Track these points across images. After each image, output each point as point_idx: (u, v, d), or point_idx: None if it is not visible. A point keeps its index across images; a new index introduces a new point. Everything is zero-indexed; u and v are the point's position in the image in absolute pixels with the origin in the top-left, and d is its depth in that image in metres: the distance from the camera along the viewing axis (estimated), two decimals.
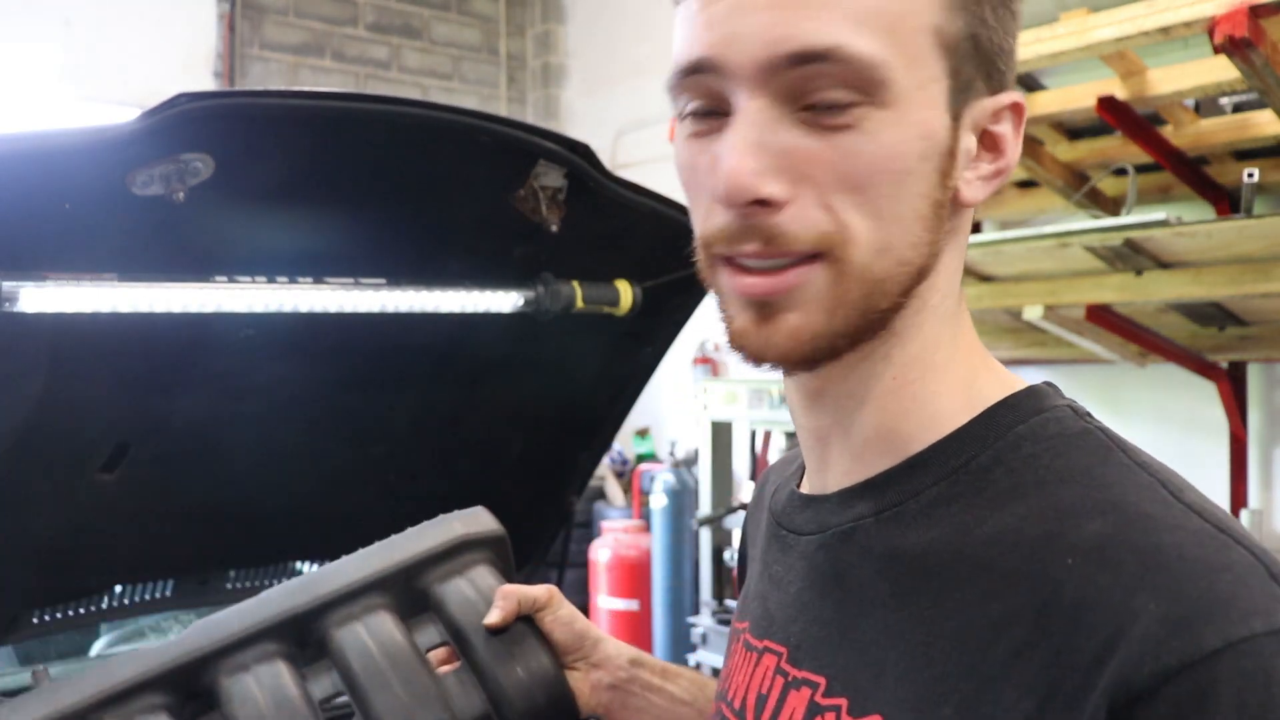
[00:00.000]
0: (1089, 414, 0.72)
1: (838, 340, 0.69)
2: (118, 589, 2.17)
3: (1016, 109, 0.72)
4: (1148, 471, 0.67)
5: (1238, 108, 3.44)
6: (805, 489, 0.84)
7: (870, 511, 0.73)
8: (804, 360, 0.70)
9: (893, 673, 0.66)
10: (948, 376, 0.73)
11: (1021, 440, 0.69)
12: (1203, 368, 3.74)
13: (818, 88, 0.64)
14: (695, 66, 0.68)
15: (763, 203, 0.65)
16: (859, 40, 0.63)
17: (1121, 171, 3.56)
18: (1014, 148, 0.72)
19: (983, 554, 0.65)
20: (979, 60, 0.69)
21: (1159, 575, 0.58)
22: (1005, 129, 0.72)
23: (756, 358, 0.70)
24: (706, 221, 0.69)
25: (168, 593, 2.24)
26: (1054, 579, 0.61)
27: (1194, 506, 0.63)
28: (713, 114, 0.69)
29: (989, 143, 0.72)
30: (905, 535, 0.70)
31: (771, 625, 0.81)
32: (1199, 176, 3.65)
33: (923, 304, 0.72)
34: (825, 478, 0.79)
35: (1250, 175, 3.06)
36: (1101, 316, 3.33)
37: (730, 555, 4.10)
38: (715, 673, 4.23)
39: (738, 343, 0.71)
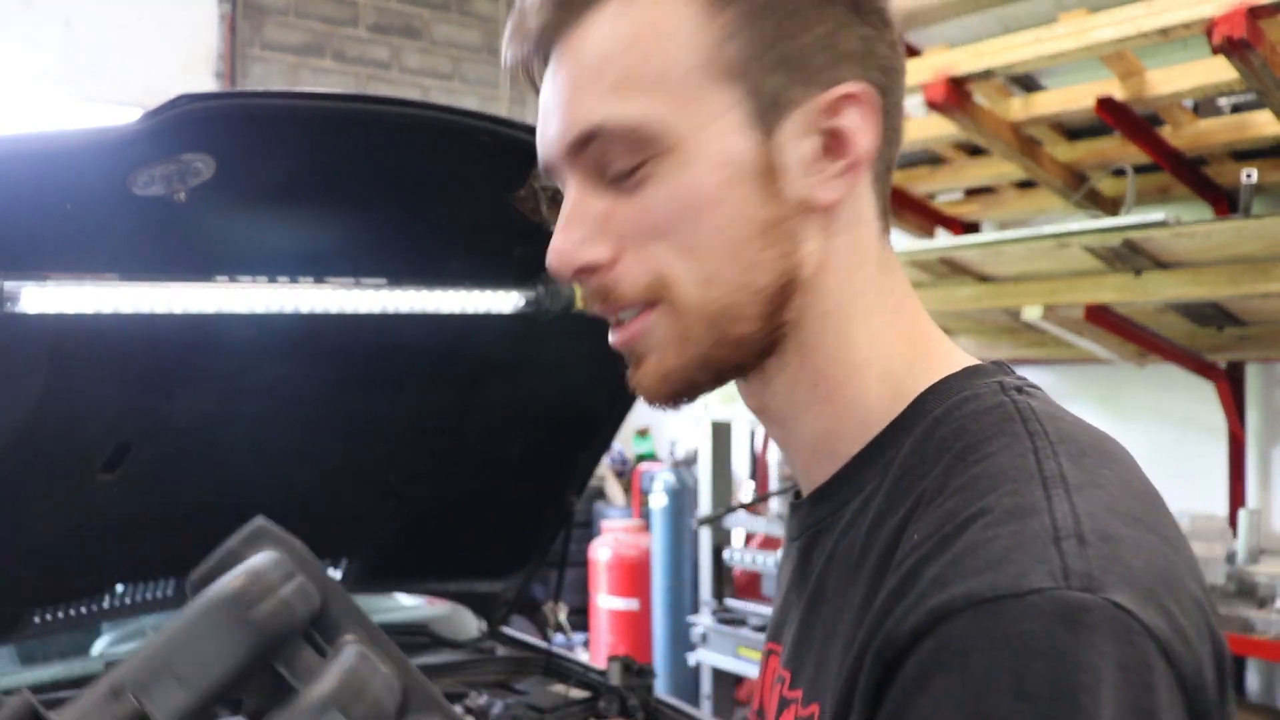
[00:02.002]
0: (1021, 388, 0.71)
1: (696, 373, 0.73)
2: (119, 589, 2.17)
3: (851, 99, 0.70)
4: (1035, 440, 0.64)
5: (1236, 108, 3.44)
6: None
7: (827, 513, 0.75)
8: (672, 396, 0.74)
9: (830, 664, 0.68)
10: (871, 374, 0.73)
11: (936, 424, 0.69)
12: (1201, 368, 3.74)
13: (608, 159, 0.70)
14: (545, 171, 0.76)
15: (590, 268, 0.71)
16: (623, 109, 0.68)
17: (1120, 172, 3.57)
18: (864, 135, 0.71)
19: (890, 540, 0.65)
20: (786, 69, 0.69)
21: (948, 544, 0.58)
22: (848, 121, 0.70)
23: (644, 399, 0.76)
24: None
25: (169, 592, 2.25)
26: (901, 552, 0.62)
27: (1053, 480, 0.60)
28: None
29: (832, 140, 0.71)
30: (848, 534, 0.71)
31: (776, 628, 0.84)
32: (1198, 177, 3.66)
33: (816, 313, 0.73)
34: (804, 484, 0.80)
35: (1249, 176, 3.07)
36: (1100, 317, 3.33)
37: (730, 555, 4.11)
38: (715, 673, 4.22)
39: (631, 388, 0.76)
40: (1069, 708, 0.50)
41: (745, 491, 5.25)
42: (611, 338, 0.75)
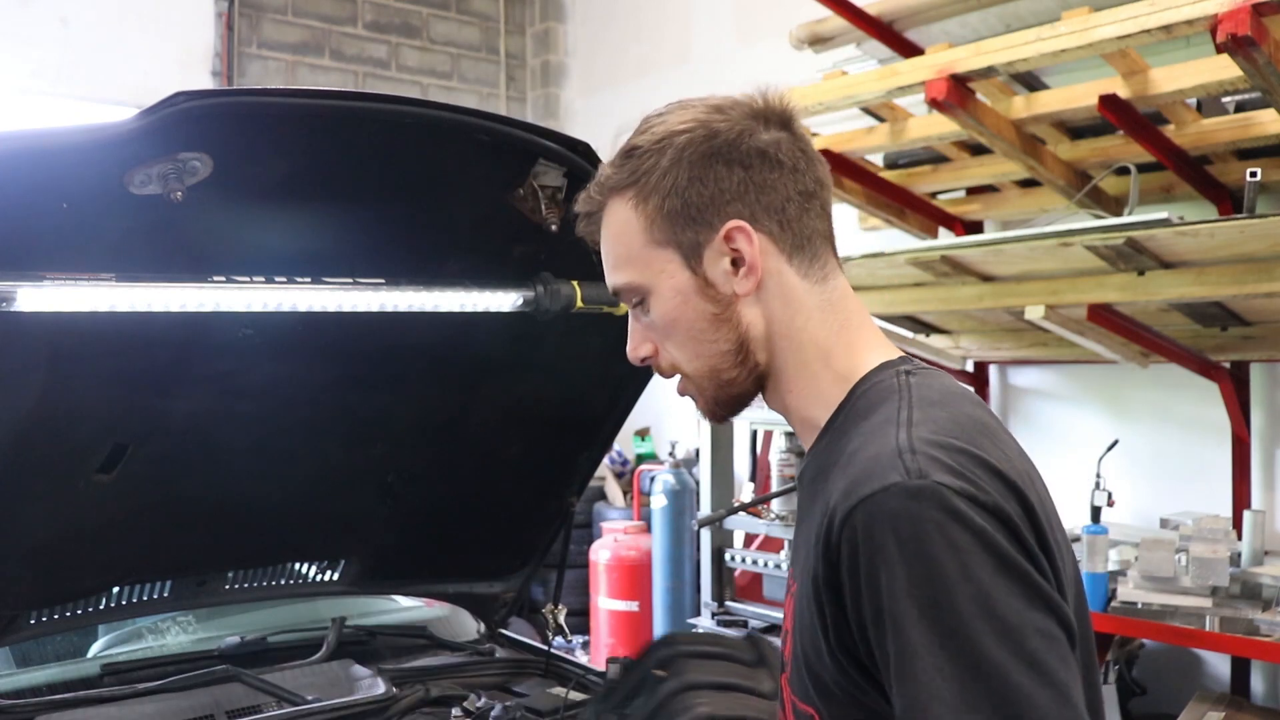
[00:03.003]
0: (911, 371, 1.12)
1: (720, 408, 1.21)
2: (115, 590, 2.16)
3: (736, 231, 1.12)
4: (900, 399, 1.06)
5: (1240, 107, 3.43)
6: None
7: (809, 461, 1.17)
8: (718, 419, 1.25)
9: (800, 554, 1.10)
10: (827, 374, 1.15)
11: (857, 400, 1.11)
12: (1205, 368, 3.73)
13: (627, 301, 1.20)
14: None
15: (647, 358, 1.21)
16: (620, 278, 1.18)
17: (1123, 171, 3.55)
18: (751, 251, 1.12)
19: (831, 470, 1.05)
20: (692, 226, 1.12)
21: (848, 469, 1.00)
22: (740, 245, 1.12)
23: (708, 419, 1.28)
24: None
25: (165, 593, 2.23)
26: (835, 476, 1.03)
27: (903, 423, 1.02)
28: None
29: (735, 257, 1.13)
30: (812, 468, 1.14)
31: (791, 555, 1.29)
32: (1201, 176, 3.64)
33: (779, 350, 1.16)
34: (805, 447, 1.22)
35: (1253, 174, 3.05)
36: (1103, 316, 3.32)
37: (731, 556, 4.09)
38: None
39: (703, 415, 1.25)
40: (924, 543, 0.91)
41: (746, 493, 5.23)
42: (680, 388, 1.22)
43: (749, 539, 4.47)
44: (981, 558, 0.90)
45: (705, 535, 4.17)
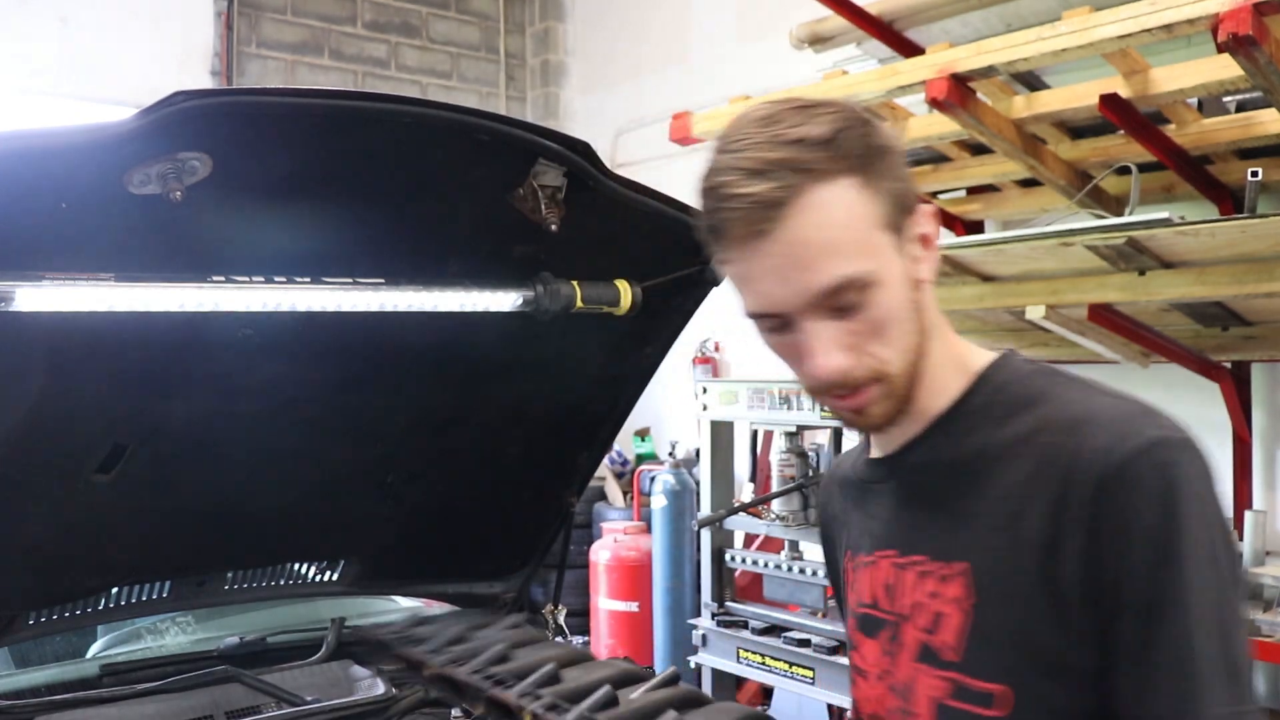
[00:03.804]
0: (1034, 360, 1.17)
1: (901, 405, 1.12)
2: (115, 590, 2.16)
3: (924, 212, 1.11)
4: (1074, 381, 1.12)
5: (1241, 106, 3.42)
6: (875, 455, 1.25)
7: (927, 449, 1.16)
8: (890, 422, 1.14)
9: (966, 533, 1.10)
10: (950, 363, 1.17)
11: (1002, 385, 1.14)
12: (1206, 368, 3.72)
13: (843, 297, 1.05)
14: (780, 313, 1.09)
15: (843, 370, 1.07)
16: (852, 266, 1.04)
17: (1124, 170, 3.55)
18: (936, 231, 1.14)
19: (1002, 450, 1.09)
20: (901, 208, 1.08)
21: (1093, 425, 1.04)
22: (928, 226, 1.12)
23: (865, 432, 1.23)
24: (805, 381, 1.12)
25: (165, 594, 2.23)
26: (1044, 448, 1.06)
27: (1104, 392, 1.09)
28: (781, 325, 1.10)
29: (923, 242, 1.12)
30: (949, 453, 1.14)
31: (878, 541, 1.21)
32: (1202, 175, 3.64)
33: (927, 347, 1.13)
34: (889, 444, 1.20)
35: (1254, 174, 3.05)
36: (1104, 316, 3.31)
37: (731, 556, 4.09)
38: (716, 675, 4.19)
39: (851, 427, 1.20)
40: (1196, 486, 1.01)
41: (746, 493, 5.23)
42: (839, 405, 1.12)
43: (749, 539, 4.46)
44: (1218, 503, 1.03)
45: (705, 535, 4.17)
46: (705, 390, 4.21)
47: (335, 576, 2.45)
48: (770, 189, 1.02)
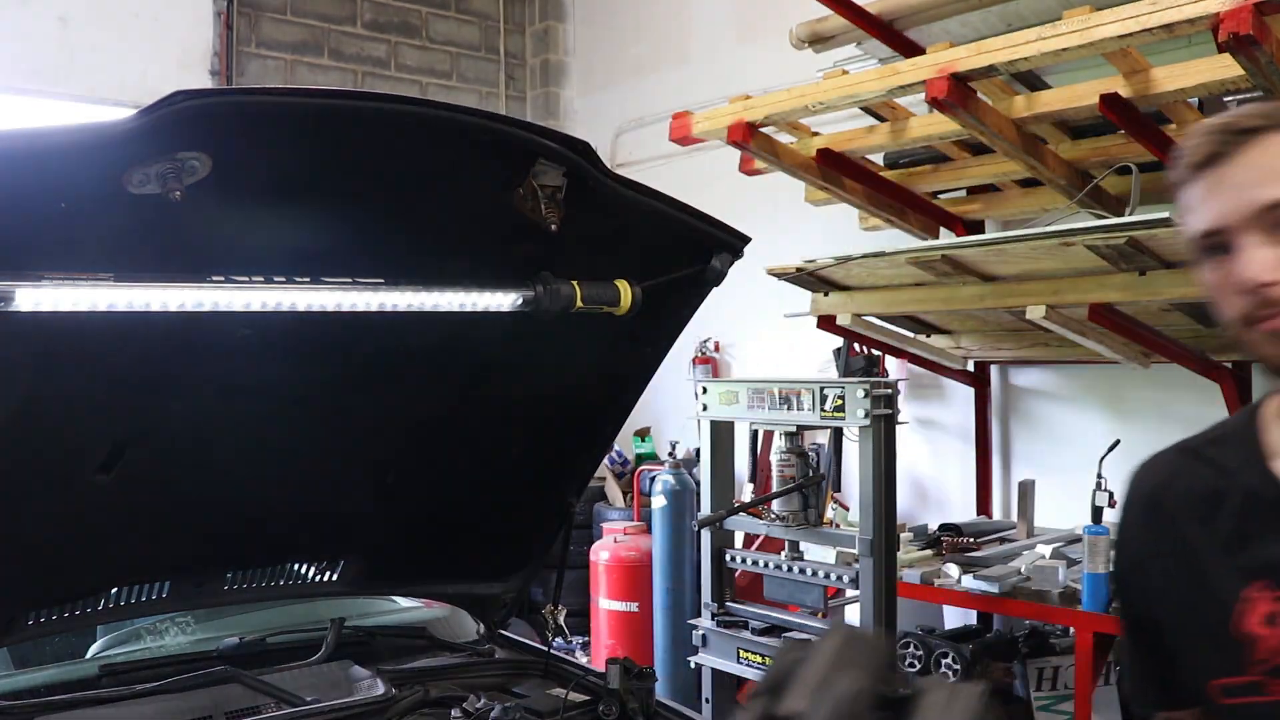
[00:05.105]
0: None
1: None
2: (114, 590, 2.15)
3: None
4: None
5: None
6: None
7: None
8: None
9: None
10: None
11: None
12: (1206, 368, 3.72)
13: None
14: (1213, 229, 1.18)
15: (1265, 284, 1.13)
16: None
17: (1125, 170, 3.55)
18: None
19: None
20: None
21: None
22: None
23: None
24: (1234, 309, 1.17)
25: (164, 594, 2.22)
26: None
27: None
28: (1223, 250, 1.18)
29: None
30: None
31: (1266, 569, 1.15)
32: None
33: None
34: None
35: None
36: (1104, 316, 3.32)
37: (731, 556, 4.08)
38: (716, 676, 4.17)
39: (1272, 361, 1.18)
40: None
41: (746, 493, 5.23)
42: (1264, 326, 1.15)
43: (749, 539, 4.46)
44: None
45: (705, 536, 4.16)
46: (705, 390, 4.21)
47: (335, 577, 2.44)
48: (1241, 119, 1.18)
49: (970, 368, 4.79)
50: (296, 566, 2.40)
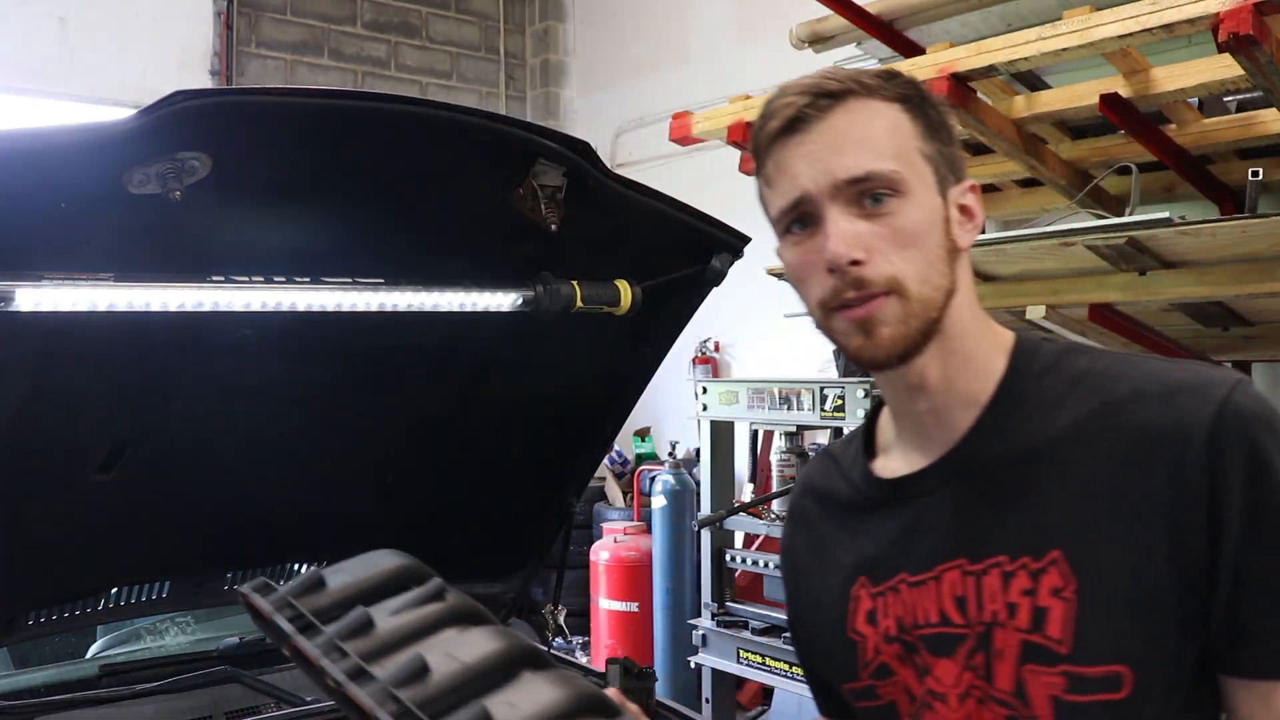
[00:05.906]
0: (1053, 336, 1.15)
1: (913, 340, 1.09)
2: (114, 590, 2.15)
3: (974, 189, 1.16)
4: (1113, 355, 1.14)
5: (1242, 106, 3.42)
6: (901, 462, 1.20)
7: (984, 443, 1.13)
8: (898, 355, 1.10)
9: (1053, 520, 1.07)
10: (984, 345, 1.15)
11: (1045, 368, 1.14)
12: None
13: (866, 192, 1.08)
14: (796, 202, 1.11)
15: (856, 263, 1.07)
16: (885, 164, 1.08)
17: (1125, 170, 3.54)
18: (980, 212, 1.16)
19: (1074, 432, 1.08)
20: (946, 164, 1.13)
21: (1184, 393, 1.05)
22: (971, 201, 1.15)
23: (870, 362, 1.12)
24: (818, 291, 1.11)
25: (164, 594, 2.23)
26: (1122, 423, 1.06)
27: (1154, 359, 1.13)
28: (805, 225, 1.11)
29: (965, 211, 1.14)
30: (1014, 443, 1.11)
31: (935, 556, 1.14)
32: (1203, 175, 3.63)
33: (954, 314, 1.12)
34: (934, 444, 1.16)
35: (1255, 174, 3.04)
36: (1104, 316, 3.31)
37: (731, 556, 4.09)
38: (716, 676, 4.19)
39: (856, 355, 1.12)
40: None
41: (746, 493, 5.23)
42: (849, 314, 1.09)
43: (749, 539, 4.46)
44: None
45: (705, 536, 4.17)
46: (705, 390, 4.21)
47: None
48: (824, 85, 1.10)
49: None
50: (297, 566, 2.40)
